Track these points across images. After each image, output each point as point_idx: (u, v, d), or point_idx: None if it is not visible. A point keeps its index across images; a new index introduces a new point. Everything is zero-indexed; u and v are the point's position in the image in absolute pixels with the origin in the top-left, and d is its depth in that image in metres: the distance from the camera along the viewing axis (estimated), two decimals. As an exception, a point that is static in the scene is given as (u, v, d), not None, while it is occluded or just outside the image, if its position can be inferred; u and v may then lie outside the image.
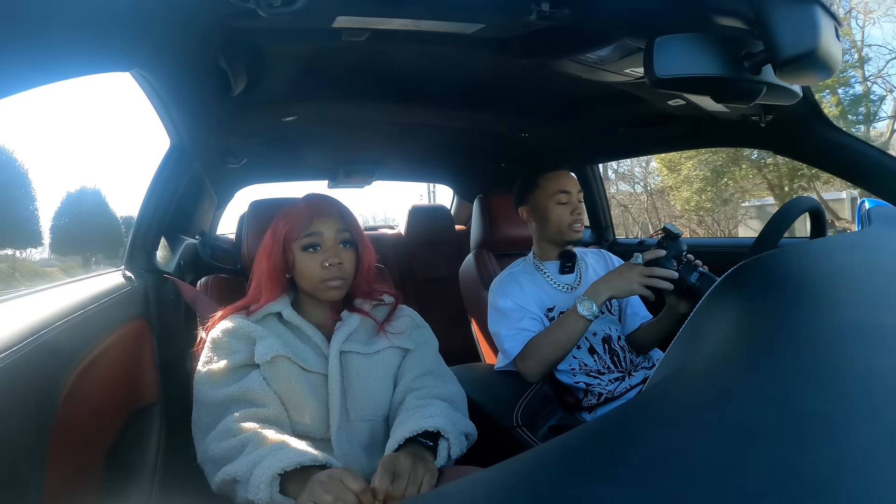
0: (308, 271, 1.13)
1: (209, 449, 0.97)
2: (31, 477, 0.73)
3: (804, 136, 1.38)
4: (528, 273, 1.64)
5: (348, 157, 2.61)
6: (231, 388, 1.03)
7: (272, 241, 1.16)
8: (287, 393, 1.05)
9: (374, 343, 1.16)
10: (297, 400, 1.05)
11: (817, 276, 0.59)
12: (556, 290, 1.59)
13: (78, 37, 0.77)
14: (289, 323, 1.15)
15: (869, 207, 1.10)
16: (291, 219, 1.15)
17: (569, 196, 1.59)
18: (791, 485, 0.25)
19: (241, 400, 1.03)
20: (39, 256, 20.77)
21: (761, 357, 0.40)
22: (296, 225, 1.14)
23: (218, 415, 1.01)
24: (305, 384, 1.07)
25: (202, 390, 1.05)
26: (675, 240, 1.31)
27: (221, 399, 1.02)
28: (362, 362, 1.12)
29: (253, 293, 1.17)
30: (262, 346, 1.07)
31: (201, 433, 1.02)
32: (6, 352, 0.69)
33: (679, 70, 0.93)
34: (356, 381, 1.10)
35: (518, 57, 1.29)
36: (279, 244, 1.15)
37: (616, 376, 1.49)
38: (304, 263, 1.14)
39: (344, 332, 1.14)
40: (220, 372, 1.05)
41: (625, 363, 1.52)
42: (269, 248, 1.16)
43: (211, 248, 1.89)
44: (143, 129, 51.67)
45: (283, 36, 1.21)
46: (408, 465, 0.90)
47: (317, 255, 1.13)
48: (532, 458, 0.32)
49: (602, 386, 1.48)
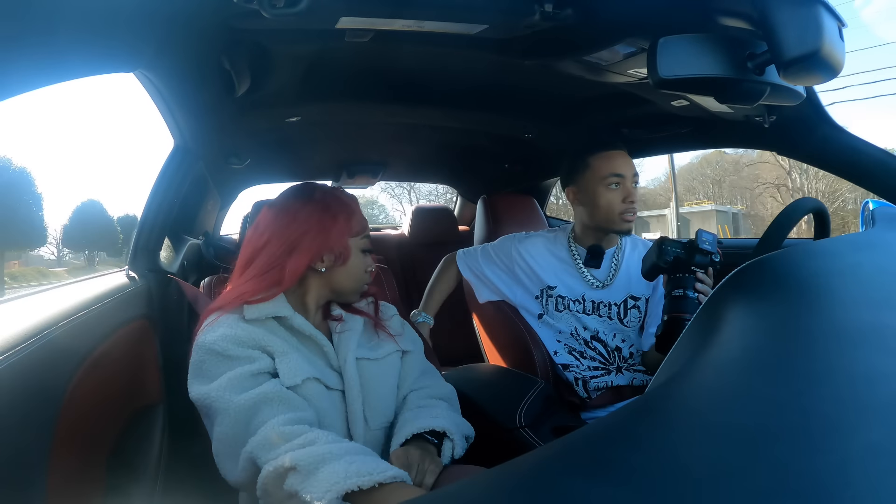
0: (359, 273, 1.09)
1: (257, 459, 0.82)
2: (33, 476, 0.73)
3: (808, 137, 1.37)
4: (557, 245, 1.58)
5: (352, 158, 2.61)
6: (262, 387, 0.89)
7: (331, 226, 1.03)
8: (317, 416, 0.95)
9: (380, 347, 1.12)
10: (322, 422, 0.95)
11: (821, 278, 0.58)
12: (580, 278, 1.54)
13: (83, 37, 0.77)
14: (295, 330, 1.02)
15: (873, 208, 1.09)
16: (351, 212, 1.07)
17: (622, 180, 1.44)
18: (795, 486, 0.25)
19: (277, 400, 0.88)
20: (49, 255, 23.10)
21: (765, 359, 0.40)
22: (357, 220, 1.08)
23: (247, 419, 0.87)
24: (329, 404, 0.98)
25: (223, 398, 0.88)
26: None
27: (252, 400, 0.87)
28: (374, 368, 1.07)
29: (264, 281, 1.01)
30: (287, 365, 0.94)
31: (229, 449, 0.87)
32: (10, 351, 0.70)
33: (682, 71, 0.93)
34: (372, 389, 1.04)
35: (521, 58, 1.29)
36: (341, 234, 1.04)
37: (595, 365, 1.51)
38: (358, 263, 1.08)
39: (353, 338, 1.07)
40: (239, 377, 0.90)
41: (611, 358, 1.52)
42: (321, 236, 1.02)
43: (214, 248, 1.89)
44: (148, 130, 51.82)
45: (287, 37, 1.21)
46: (417, 457, 0.94)
47: (367, 258, 1.10)
48: (536, 459, 0.32)
49: (580, 370, 1.50)
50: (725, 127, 1.59)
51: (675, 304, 1.18)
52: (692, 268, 1.18)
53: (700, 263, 1.18)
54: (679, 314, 1.16)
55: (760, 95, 0.99)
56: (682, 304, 1.17)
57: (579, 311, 1.53)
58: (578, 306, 1.53)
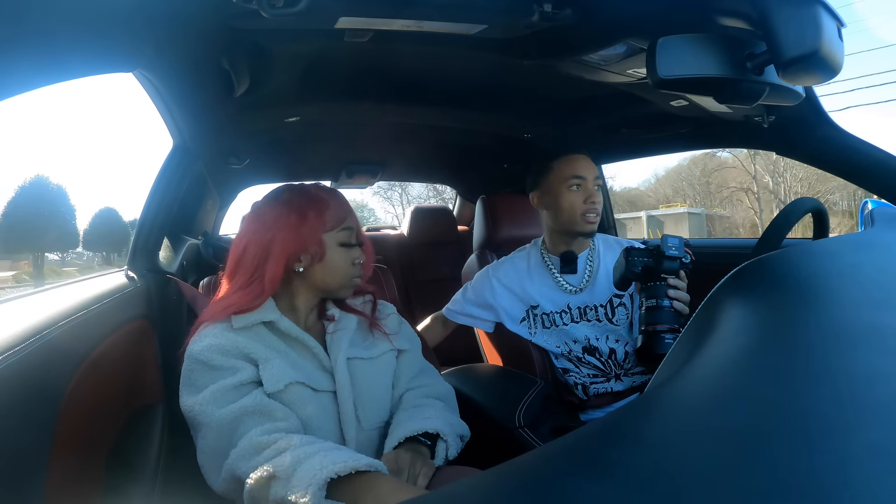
0: (342, 267, 1.06)
1: (236, 470, 0.85)
2: (32, 476, 0.73)
3: (807, 137, 1.38)
4: (531, 261, 1.58)
5: (351, 158, 2.61)
6: (242, 400, 0.91)
7: (299, 227, 1.01)
8: (302, 420, 0.96)
9: (374, 346, 1.11)
10: (311, 425, 0.96)
11: (820, 278, 0.58)
12: (557, 288, 1.54)
13: (82, 37, 0.77)
14: (283, 333, 1.03)
15: (872, 208, 1.09)
16: (324, 207, 1.04)
17: (583, 182, 1.46)
18: (794, 487, 0.25)
19: (257, 412, 0.91)
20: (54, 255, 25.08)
21: (763, 359, 0.40)
22: (331, 214, 1.05)
23: (230, 432, 0.89)
24: (318, 406, 0.98)
25: (205, 412, 0.91)
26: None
27: (233, 414, 0.90)
28: (367, 368, 1.07)
29: (248, 291, 1.02)
30: (270, 371, 0.95)
31: (213, 461, 0.90)
32: (9, 351, 0.69)
33: (682, 71, 0.93)
34: (364, 389, 1.04)
35: (520, 58, 1.29)
36: (312, 232, 1.02)
37: (594, 373, 1.51)
38: (339, 258, 1.05)
39: (345, 338, 1.08)
40: (222, 389, 0.92)
41: (607, 368, 1.51)
42: (291, 237, 1.01)
43: (213, 248, 1.89)
44: (147, 130, 51.79)
45: (286, 37, 1.21)
46: (407, 460, 0.93)
47: (351, 251, 1.07)
48: (535, 459, 0.32)
49: (579, 376, 1.51)
50: (724, 127, 1.59)
51: (650, 315, 1.17)
52: (662, 275, 1.18)
53: (669, 269, 1.17)
54: (654, 325, 1.16)
55: (759, 95, 0.99)
56: (656, 315, 1.16)
57: (567, 321, 1.51)
58: (566, 317, 1.52)
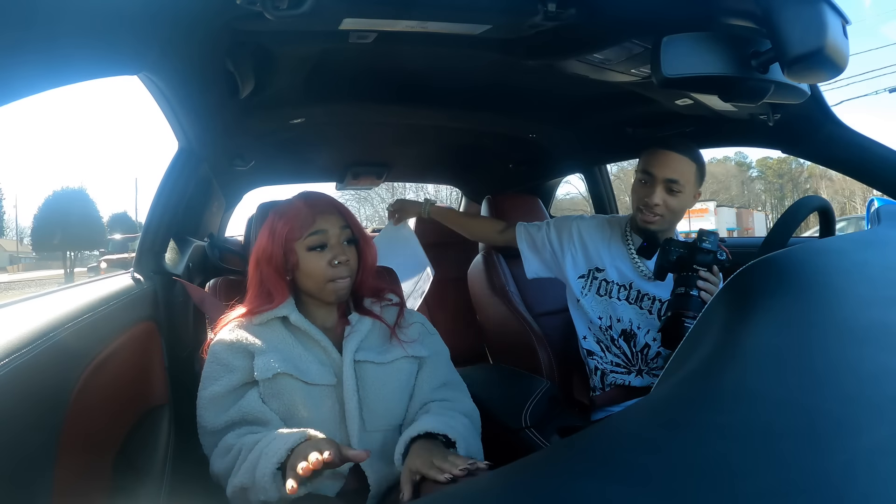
0: (315, 271, 1.10)
1: (215, 467, 1.02)
2: (40, 477, 0.73)
3: (813, 135, 1.37)
4: (613, 231, 1.57)
5: (356, 159, 2.61)
6: (230, 412, 1.05)
7: (270, 243, 1.11)
8: (289, 410, 1.04)
9: (388, 351, 1.14)
10: (301, 416, 1.04)
11: (827, 276, 0.58)
12: (630, 264, 1.51)
13: (87, 41, 0.77)
14: (295, 328, 1.12)
15: (879, 206, 1.08)
16: (291, 217, 1.11)
17: (650, 178, 1.42)
18: (803, 485, 0.25)
19: (240, 423, 1.05)
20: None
21: (772, 357, 0.39)
22: (297, 224, 1.11)
23: (218, 439, 1.04)
24: (308, 399, 1.05)
25: (204, 416, 1.07)
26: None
27: (221, 426, 1.05)
28: (377, 372, 1.10)
29: (259, 298, 1.14)
30: (262, 361, 1.05)
31: (208, 453, 1.07)
32: (17, 353, 0.70)
33: (686, 69, 0.93)
34: (372, 391, 1.09)
35: (525, 58, 1.29)
36: (279, 245, 1.11)
37: (618, 362, 1.51)
38: (311, 263, 1.11)
39: (356, 339, 1.12)
40: (218, 396, 1.06)
41: (634, 360, 1.51)
42: (269, 251, 1.11)
43: (219, 250, 1.90)
44: (152, 132, 52.02)
45: (291, 38, 1.22)
46: (429, 446, 0.97)
47: (324, 253, 1.11)
48: (541, 459, 0.32)
49: (602, 362, 1.52)
50: (730, 125, 1.58)
51: (678, 301, 1.23)
52: (695, 266, 1.23)
53: (702, 262, 1.23)
54: (680, 311, 1.21)
55: (764, 93, 0.99)
56: (683, 302, 1.21)
57: (622, 298, 1.51)
58: (623, 293, 1.51)
